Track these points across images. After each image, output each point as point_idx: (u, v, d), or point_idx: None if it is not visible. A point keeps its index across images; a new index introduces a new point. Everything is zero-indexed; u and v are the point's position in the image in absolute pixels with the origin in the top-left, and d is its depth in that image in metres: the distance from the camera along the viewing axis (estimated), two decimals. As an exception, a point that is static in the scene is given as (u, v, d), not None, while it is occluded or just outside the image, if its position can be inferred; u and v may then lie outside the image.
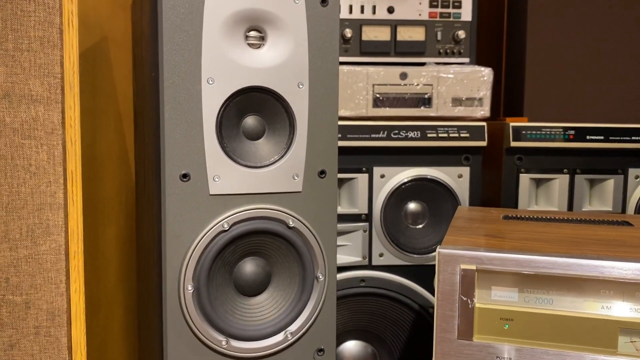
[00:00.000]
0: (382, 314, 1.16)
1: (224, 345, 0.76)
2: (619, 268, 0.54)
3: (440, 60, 1.31)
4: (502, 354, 0.57)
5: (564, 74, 1.37)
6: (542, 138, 1.16)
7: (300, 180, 0.79)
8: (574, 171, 1.18)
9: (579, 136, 1.16)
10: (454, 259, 0.58)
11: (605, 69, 1.36)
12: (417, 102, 1.29)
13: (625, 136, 1.17)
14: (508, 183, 1.18)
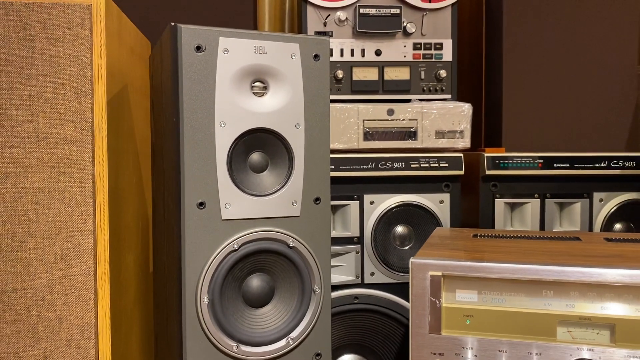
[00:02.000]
0: (374, 328, 1.25)
1: (234, 349, 0.88)
2: (557, 272, 0.67)
3: (424, 97, 1.44)
4: (466, 344, 0.69)
5: (538, 107, 1.50)
6: (514, 167, 1.29)
7: (298, 206, 0.92)
8: (545, 196, 1.31)
9: (547, 164, 1.29)
10: (424, 267, 0.71)
11: (575, 103, 1.49)
12: (403, 135, 1.42)
13: (589, 163, 1.30)
14: (485, 207, 1.30)
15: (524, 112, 1.51)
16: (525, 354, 0.67)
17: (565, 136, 1.49)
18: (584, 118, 1.50)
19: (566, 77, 1.48)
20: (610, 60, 1.50)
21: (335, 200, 1.23)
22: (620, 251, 0.76)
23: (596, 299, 0.67)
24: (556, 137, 1.49)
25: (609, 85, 1.50)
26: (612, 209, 1.29)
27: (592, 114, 1.49)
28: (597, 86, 1.50)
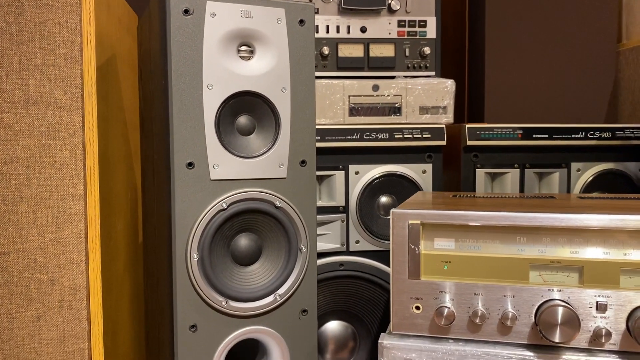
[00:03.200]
0: (359, 294, 1.29)
1: (224, 305, 0.92)
2: (529, 218, 0.71)
3: (409, 74, 1.47)
4: (444, 289, 0.73)
5: (520, 83, 1.55)
6: (494, 137, 1.33)
7: (285, 168, 0.95)
8: (524, 166, 1.34)
9: (526, 135, 1.33)
10: (404, 217, 0.74)
11: (554, 77, 1.54)
12: (388, 110, 1.45)
13: (567, 134, 1.34)
14: (466, 177, 1.34)
15: (506, 89, 1.55)
16: (500, 296, 0.71)
17: (545, 111, 1.54)
18: (564, 93, 1.54)
19: (547, 53, 1.52)
20: (590, 37, 1.54)
21: (321, 170, 1.26)
22: (590, 203, 0.80)
23: (566, 244, 0.71)
24: (537, 113, 1.53)
25: (588, 61, 1.55)
26: (588, 178, 1.34)
27: (572, 88, 1.53)
28: (577, 62, 1.54)
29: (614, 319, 0.68)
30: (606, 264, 0.68)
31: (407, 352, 0.72)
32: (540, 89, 1.54)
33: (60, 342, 0.87)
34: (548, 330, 0.68)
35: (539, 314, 0.69)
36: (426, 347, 0.72)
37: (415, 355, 0.72)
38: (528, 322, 0.70)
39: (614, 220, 0.68)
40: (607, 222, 0.68)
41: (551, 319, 0.67)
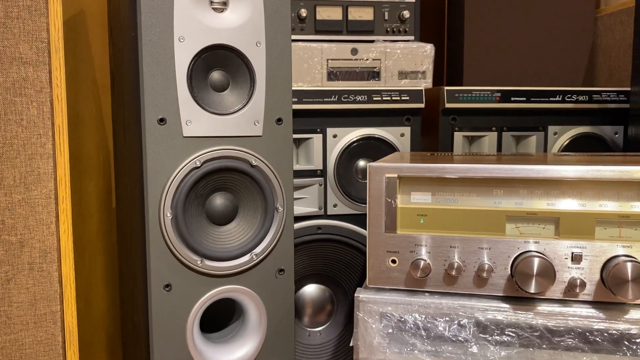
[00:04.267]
0: (337, 257, 1.29)
1: (199, 264, 0.90)
2: (506, 170, 0.70)
3: (388, 38, 1.45)
4: (420, 242, 0.73)
5: (499, 48, 1.54)
6: (472, 100, 1.32)
7: (260, 126, 0.93)
8: (502, 129, 1.34)
9: (504, 98, 1.33)
10: (380, 170, 0.73)
11: (532, 41, 1.53)
12: (367, 75, 1.43)
13: (545, 97, 1.34)
14: (444, 140, 1.33)
15: (484, 53, 1.54)
16: (476, 248, 0.71)
17: (523, 75, 1.53)
18: (542, 57, 1.54)
19: (526, 17, 1.51)
20: (569, 1, 1.53)
21: (299, 133, 1.24)
22: (566, 159, 0.80)
23: (543, 196, 0.70)
24: (515, 77, 1.52)
25: (566, 26, 1.54)
26: (565, 141, 1.34)
27: (550, 52, 1.53)
28: (556, 26, 1.53)
29: (589, 270, 0.69)
30: (582, 215, 0.69)
31: (383, 306, 0.72)
32: (518, 53, 1.53)
33: (31, 305, 0.86)
34: (524, 281, 0.68)
35: (515, 266, 0.69)
36: (402, 300, 0.72)
37: (391, 309, 0.72)
38: (504, 274, 0.70)
39: (590, 171, 0.68)
40: (583, 173, 0.68)
41: (527, 270, 0.67)
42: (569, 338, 0.68)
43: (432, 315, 0.71)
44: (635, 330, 0.66)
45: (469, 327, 0.70)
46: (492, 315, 0.69)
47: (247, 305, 0.96)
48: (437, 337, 0.71)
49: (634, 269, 0.65)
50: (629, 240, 0.68)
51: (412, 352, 0.71)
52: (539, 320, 0.69)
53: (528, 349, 0.69)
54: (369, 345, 0.72)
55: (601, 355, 0.67)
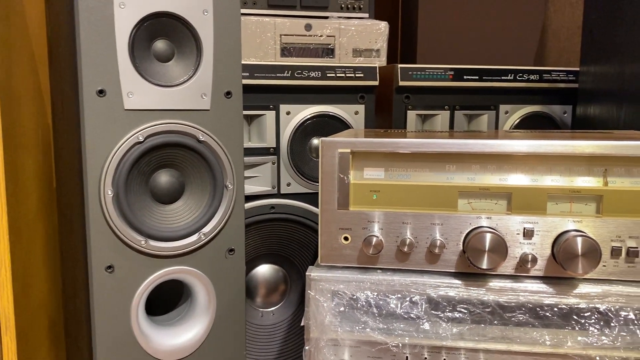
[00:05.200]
0: (290, 237, 1.27)
1: (143, 244, 0.86)
2: (459, 144, 0.69)
3: (342, 15, 1.42)
4: (373, 218, 0.71)
5: (451, 26, 1.53)
6: (425, 78, 1.32)
7: (208, 99, 0.89)
8: (454, 107, 1.34)
9: (457, 76, 1.33)
10: (333, 145, 0.71)
11: (485, 21, 1.53)
12: (321, 52, 1.40)
13: (496, 76, 1.34)
14: (398, 118, 1.32)
15: (438, 31, 1.54)
16: (428, 224, 0.70)
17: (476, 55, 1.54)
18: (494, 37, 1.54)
19: (479, -5, 1.51)
20: (520, -20, 1.54)
21: (251, 109, 1.20)
22: (517, 135, 0.79)
23: (495, 172, 0.70)
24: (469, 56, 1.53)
25: (518, 6, 1.55)
26: (516, 120, 1.36)
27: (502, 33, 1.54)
28: (508, 6, 1.54)
29: (540, 245, 0.69)
30: (534, 191, 0.68)
31: (335, 284, 0.70)
32: (471, 32, 1.53)
33: (-40, 288, 0.80)
34: (476, 257, 0.67)
35: (467, 241, 0.68)
36: (354, 278, 0.70)
37: (343, 287, 0.70)
38: (456, 250, 0.70)
39: (542, 146, 0.68)
40: (536, 148, 0.68)
41: (479, 246, 0.67)
42: (520, 313, 0.68)
43: (384, 292, 0.70)
44: (583, 304, 0.67)
45: (421, 304, 0.69)
46: (444, 292, 0.69)
47: (195, 287, 0.92)
48: (389, 315, 0.69)
49: (584, 244, 0.65)
50: (580, 215, 0.68)
51: (363, 330, 0.70)
52: (491, 296, 0.68)
53: (479, 325, 0.69)
54: (320, 325, 0.70)
55: (551, 330, 0.68)
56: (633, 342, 0.67)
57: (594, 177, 0.68)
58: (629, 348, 0.67)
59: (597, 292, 0.67)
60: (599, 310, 0.67)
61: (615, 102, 1.16)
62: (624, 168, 0.68)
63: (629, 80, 1.10)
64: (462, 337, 0.69)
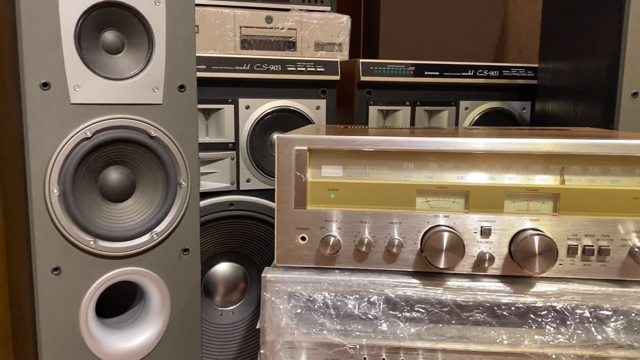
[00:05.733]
0: (250, 234, 1.24)
1: (92, 245, 0.82)
2: (417, 142, 0.68)
3: (304, 7, 1.40)
4: (331, 217, 0.69)
5: (413, 21, 1.53)
6: (387, 73, 1.31)
7: (160, 93, 0.85)
8: (415, 103, 1.34)
9: (418, 72, 1.32)
10: (290, 142, 0.69)
11: (446, 17, 1.53)
12: (282, 45, 1.38)
13: (457, 72, 1.35)
14: (359, 114, 1.31)
15: (400, 27, 1.53)
16: (386, 223, 0.68)
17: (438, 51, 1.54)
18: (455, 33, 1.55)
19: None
20: (481, -23, 1.55)
21: (209, 103, 1.17)
22: (476, 132, 0.79)
23: (453, 170, 0.69)
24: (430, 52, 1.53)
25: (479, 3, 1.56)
26: (476, 116, 1.36)
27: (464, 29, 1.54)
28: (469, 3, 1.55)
29: (497, 244, 0.68)
30: (491, 189, 0.68)
31: (292, 285, 0.68)
32: (433, 28, 1.53)
33: None
34: (433, 256, 0.66)
35: (425, 240, 0.67)
36: (311, 279, 0.68)
37: (300, 288, 0.68)
38: (414, 249, 0.68)
39: (499, 144, 0.67)
40: (493, 146, 0.67)
41: (436, 245, 0.66)
42: (478, 313, 0.67)
43: (341, 293, 0.68)
44: (540, 303, 0.67)
45: (379, 304, 0.68)
46: (402, 292, 0.68)
47: (148, 288, 0.89)
48: (347, 316, 0.68)
49: (541, 243, 0.65)
50: (537, 213, 0.68)
51: (321, 332, 0.68)
52: (449, 295, 0.68)
53: (437, 325, 0.68)
54: (276, 327, 0.68)
55: (508, 329, 0.67)
56: (588, 340, 0.67)
57: (551, 175, 0.68)
58: (584, 346, 0.67)
59: (553, 291, 0.67)
60: (556, 308, 0.67)
61: (572, 98, 1.17)
62: (581, 166, 0.68)
63: (586, 77, 1.11)
64: (420, 337, 0.68)
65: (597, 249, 0.67)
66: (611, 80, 1.02)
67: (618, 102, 1.00)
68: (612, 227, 0.67)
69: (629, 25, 0.98)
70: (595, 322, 0.67)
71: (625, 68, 0.99)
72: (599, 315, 0.67)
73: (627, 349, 0.67)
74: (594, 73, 1.08)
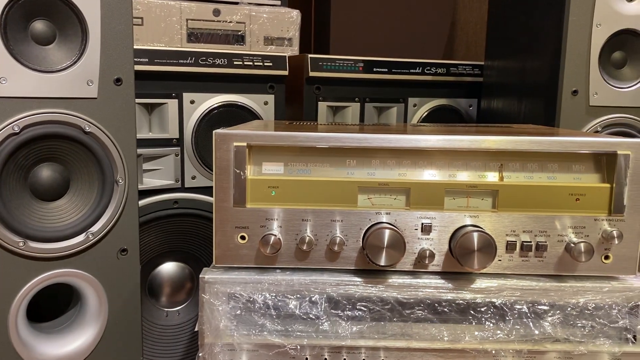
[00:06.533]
0: (196, 233, 1.21)
1: (21, 246, 0.78)
2: (359, 139, 0.67)
3: (253, 1, 1.38)
4: (272, 216, 0.68)
5: (364, 17, 1.53)
6: (336, 69, 1.30)
7: (95, 86, 0.81)
8: (364, 100, 1.34)
9: (367, 68, 1.32)
10: (228, 138, 0.66)
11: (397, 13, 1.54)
12: (230, 38, 1.35)
13: (405, 69, 1.35)
14: (309, 110, 1.30)
15: (351, 23, 1.52)
16: (328, 221, 0.67)
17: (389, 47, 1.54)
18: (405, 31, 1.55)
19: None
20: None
21: (151, 98, 1.13)
22: (420, 129, 0.79)
23: (395, 166, 0.68)
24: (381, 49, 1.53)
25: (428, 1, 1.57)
26: (424, 113, 1.37)
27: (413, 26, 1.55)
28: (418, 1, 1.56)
29: (438, 240, 0.68)
30: (432, 186, 0.68)
31: (231, 286, 0.66)
32: (384, 24, 1.54)
33: None
34: (374, 254, 0.66)
35: (366, 238, 0.66)
36: (251, 279, 0.67)
37: (240, 289, 0.66)
38: (356, 247, 0.68)
39: (440, 141, 0.67)
40: (434, 143, 0.67)
41: (377, 242, 0.65)
42: (419, 310, 0.67)
43: (282, 293, 0.66)
44: (480, 299, 0.67)
45: (321, 304, 0.66)
46: (344, 290, 0.67)
47: (84, 290, 0.85)
48: (288, 316, 0.67)
49: (480, 239, 0.65)
50: (476, 210, 0.68)
51: (261, 333, 0.66)
52: (391, 293, 0.67)
53: (379, 323, 0.68)
54: (215, 329, 0.66)
55: (449, 325, 0.67)
56: (526, 335, 0.68)
57: (491, 172, 0.68)
58: (522, 340, 0.68)
59: (492, 287, 0.68)
60: (495, 304, 0.68)
61: (516, 96, 1.19)
62: (519, 163, 0.68)
63: (529, 75, 1.13)
64: (362, 335, 0.67)
65: (534, 245, 0.68)
66: (552, 79, 1.04)
67: (559, 100, 1.02)
68: (549, 223, 0.68)
69: (569, 24, 1.00)
70: (533, 317, 0.68)
71: (566, 66, 1.01)
72: (536, 310, 0.68)
73: (563, 342, 0.68)
74: (536, 71, 1.10)
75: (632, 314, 0.68)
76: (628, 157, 0.67)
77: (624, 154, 0.67)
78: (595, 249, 0.68)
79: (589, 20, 1.00)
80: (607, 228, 0.68)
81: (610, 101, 1.03)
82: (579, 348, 0.68)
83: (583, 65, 1.01)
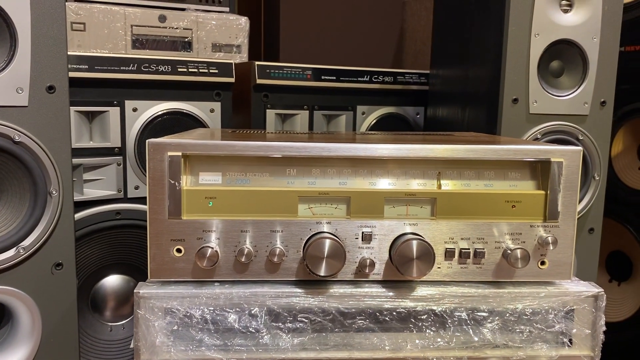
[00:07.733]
0: (140, 245, 1.18)
1: (-57, 263, 0.73)
2: (298, 148, 0.66)
3: (200, 7, 1.36)
4: (209, 227, 0.66)
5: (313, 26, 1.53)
6: (284, 77, 1.29)
7: (25, 94, 0.78)
8: (313, 108, 1.34)
9: (315, 76, 1.32)
10: (162, 148, 0.64)
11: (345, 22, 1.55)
12: (177, 45, 1.33)
13: (353, 77, 1.35)
14: (257, 118, 1.29)
15: (300, 31, 1.53)
16: (268, 232, 0.66)
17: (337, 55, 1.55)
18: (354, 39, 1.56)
19: (341, 0, 1.52)
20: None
21: (91, 105, 1.10)
22: (365, 138, 0.79)
23: (335, 176, 0.68)
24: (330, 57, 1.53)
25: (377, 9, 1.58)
26: (372, 121, 1.38)
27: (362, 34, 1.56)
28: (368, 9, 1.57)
29: (378, 249, 0.68)
30: (371, 194, 0.67)
31: (167, 301, 0.64)
32: (333, 32, 1.54)
33: None
34: (314, 264, 0.65)
35: (307, 248, 0.65)
36: (188, 293, 0.65)
37: (176, 303, 0.64)
38: (296, 258, 0.67)
39: (378, 149, 0.67)
40: (372, 151, 0.67)
41: (317, 253, 0.64)
42: (361, 319, 0.67)
43: (221, 306, 0.65)
44: (420, 307, 0.67)
45: (261, 316, 0.65)
46: (285, 302, 0.66)
47: (16, 308, 0.81)
48: (227, 330, 0.65)
49: (418, 247, 0.65)
50: (415, 217, 0.68)
51: (199, 349, 0.64)
52: (332, 303, 0.66)
53: (321, 334, 0.67)
54: (150, 346, 0.64)
55: (390, 334, 0.67)
56: (466, 342, 0.68)
57: (429, 180, 0.69)
58: (462, 347, 0.68)
59: (432, 294, 0.68)
60: (435, 312, 0.68)
61: (460, 104, 1.21)
62: (456, 171, 0.69)
63: (472, 83, 1.15)
64: (303, 347, 0.66)
65: (473, 252, 0.69)
66: (493, 87, 1.06)
67: (500, 108, 1.04)
68: (486, 230, 0.69)
69: (509, 34, 1.02)
70: (473, 323, 0.68)
71: (506, 75, 1.04)
72: (476, 317, 0.68)
73: (502, 348, 0.69)
74: (478, 80, 1.13)
75: (568, 318, 0.69)
76: (561, 165, 0.68)
77: (557, 161, 0.68)
78: (531, 255, 0.69)
79: (527, 30, 1.02)
80: (543, 234, 0.69)
81: (549, 109, 1.06)
82: (518, 353, 0.69)
83: (523, 74, 1.03)
